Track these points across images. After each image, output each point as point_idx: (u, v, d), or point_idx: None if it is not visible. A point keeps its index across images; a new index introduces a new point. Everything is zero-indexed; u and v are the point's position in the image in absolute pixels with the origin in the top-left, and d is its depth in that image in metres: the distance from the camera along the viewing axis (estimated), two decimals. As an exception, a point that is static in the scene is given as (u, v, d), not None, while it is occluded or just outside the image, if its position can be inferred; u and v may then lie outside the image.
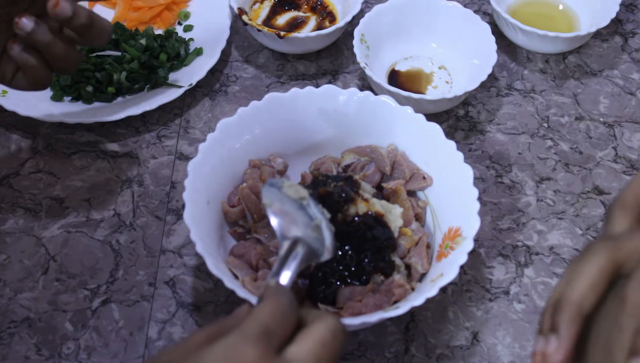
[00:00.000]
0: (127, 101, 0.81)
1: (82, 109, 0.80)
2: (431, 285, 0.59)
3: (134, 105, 0.79)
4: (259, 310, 0.42)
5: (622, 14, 0.93)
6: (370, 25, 0.83)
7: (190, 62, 0.85)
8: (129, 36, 0.85)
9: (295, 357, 0.41)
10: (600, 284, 0.39)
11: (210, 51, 0.85)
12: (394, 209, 0.66)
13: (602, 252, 0.39)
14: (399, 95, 0.76)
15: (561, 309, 0.39)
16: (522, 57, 0.89)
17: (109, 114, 0.78)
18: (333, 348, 0.42)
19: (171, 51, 0.84)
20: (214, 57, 0.83)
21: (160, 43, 0.85)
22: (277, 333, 0.41)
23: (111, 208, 0.74)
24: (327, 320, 0.43)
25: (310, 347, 0.41)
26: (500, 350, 0.65)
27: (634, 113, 0.84)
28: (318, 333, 0.42)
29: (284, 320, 0.42)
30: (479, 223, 0.62)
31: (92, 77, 0.80)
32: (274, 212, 0.56)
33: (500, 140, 0.81)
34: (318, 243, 0.55)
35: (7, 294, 0.68)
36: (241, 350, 0.39)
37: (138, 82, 0.82)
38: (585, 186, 0.77)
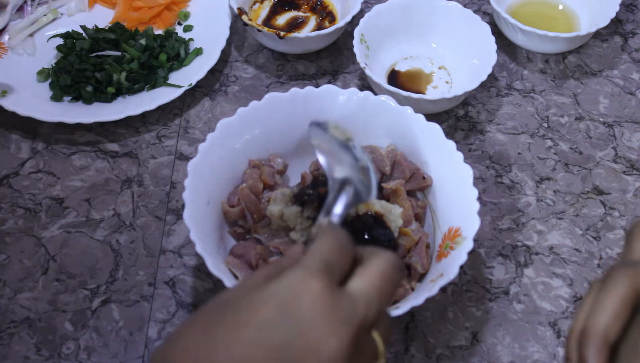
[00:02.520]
0: (127, 101, 0.81)
1: (82, 109, 0.80)
2: (431, 285, 0.59)
3: (134, 105, 0.79)
4: (318, 245, 0.42)
5: (622, 14, 0.93)
6: (370, 25, 0.83)
7: (190, 62, 0.85)
8: (129, 36, 0.85)
9: (358, 290, 0.41)
10: (624, 312, 0.40)
11: (209, 51, 0.85)
12: (393, 209, 0.66)
13: (624, 280, 0.40)
14: (399, 95, 0.76)
15: (587, 341, 0.40)
16: (522, 57, 0.89)
17: (109, 114, 0.78)
18: (393, 281, 0.42)
19: (171, 51, 0.84)
20: (214, 57, 0.83)
21: (160, 43, 0.85)
22: (338, 266, 0.41)
23: (111, 208, 0.74)
24: (385, 255, 0.43)
25: (372, 279, 0.41)
26: (500, 350, 0.65)
27: (634, 113, 0.84)
28: (378, 267, 0.42)
29: (343, 253, 0.42)
30: (478, 223, 0.62)
31: (92, 78, 0.80)
32: (322, 152, 0.56)
33: (500, 140, 0.81)
34: (362, 185, 0.55)
35: (7, 294, 0.68)
36: (305, 284, 0.39)
37: (138, 82, 0.82)
38: (585, 186, 0.77)
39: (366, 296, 0.40)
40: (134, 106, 0.79)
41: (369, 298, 0.40)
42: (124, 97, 0.81)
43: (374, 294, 0.41)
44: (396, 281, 0.42)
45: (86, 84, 0.80)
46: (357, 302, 0.40)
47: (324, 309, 0.39)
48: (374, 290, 0.41)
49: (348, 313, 0.39)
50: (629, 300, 0.39)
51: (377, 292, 0.41)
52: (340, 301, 0.39)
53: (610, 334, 0.40)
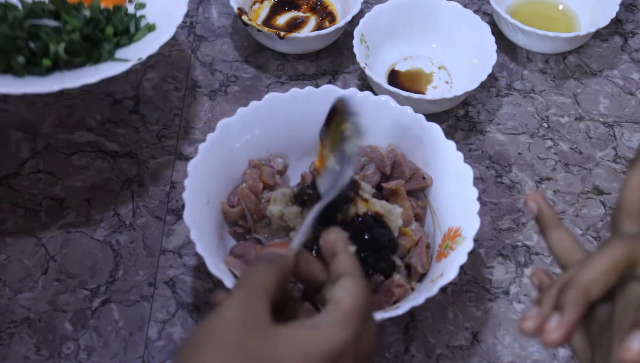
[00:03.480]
0: (64, 75, 0.71)
1: (11, 80, 0.69)
2: (431, 285, 0.59)
3: (72, 78, 0.69)
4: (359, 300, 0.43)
5: (622, 14, 0.93)
6: (370, 25, 0.83)
7: (140, 38, 0.76)
8: (70, 7, 0.75)
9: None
10: (612, 274, 0.39)
11: (164, 27, 0.76)
12: (393, 210, 0.66)
13: (619, 245, 0.39)
14: (399, 95, 0.76)
15: (568, 289, 0.39)
16: (522, 57, 0.89)
17: (42, 85, 0.67)
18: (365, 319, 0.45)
19: (119, 25, 0.75)
20: (168, 33, 0.74)
21: (106, 16, 0.76)
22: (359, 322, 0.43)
23: (111, 208, 0.74)
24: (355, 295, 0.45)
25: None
26: (500, 350, 0.65)
27: (634, 113, 0.84)
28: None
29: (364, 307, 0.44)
30: (478, 223, 0.62)
31: (24, 47, 0.69)
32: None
33: (500, 140, 0.81)
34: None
35: (7, 294, 0.68)
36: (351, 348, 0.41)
37: (78, 55, 0.71)
38: (585, 186, 0.77)
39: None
40: (72, 78, 0.68)
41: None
42: (62, 72, 0.71)
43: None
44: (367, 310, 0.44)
45: (17, 53, 0.69)
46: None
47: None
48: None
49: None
50: (619, 264, 0.39)
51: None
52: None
53: (593, 290, 0.39)
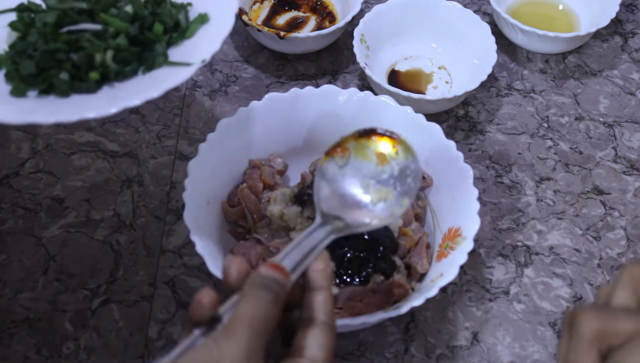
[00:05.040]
0: (117, 90, 0.59)
1: (58, 104, 0.57)
2: (431, 285, 0.59)
3: (129, 93, 0.57)
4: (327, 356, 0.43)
5: (622, 14, 0.93)
6: (370, 25, 0.83)
7: (193, 33, 0.63)
8: (108, 4, 0.62)
9: None
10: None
11: (218, 17, 0.63)
12: (393, 210, 0.66)
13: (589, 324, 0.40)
14: (399, 95, 0.76)
15: None
16: (522, 57, 0.89)
17: (97, 107, 0.54)
18: None
19: (168, 20, 0.62)
20: (227, 24, 0.61)
21: (151, 10, 0.63)
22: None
23: (111, 208, 0.74)
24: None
25: None
26: (500, 350, 0.65)
27: (634, 113, 0.84)
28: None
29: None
30: (478, 223, 0.62)
31: (66, 61, 0.58)
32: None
33: (500, 140, 0.81)
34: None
35: (7, 294, 0.68)
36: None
37: (129, 63, 0.60)
38: (585, 186, 0.77)
39: None
40: (130, 93, 0.56)
41: None
42: (112, 86, 0.59)
43: None
44: None
45: (59, 70, 0.57)
46: None
47: None
48: None
49: None
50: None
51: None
52: None
53: None
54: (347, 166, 0.53)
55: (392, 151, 0.53)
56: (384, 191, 0.53)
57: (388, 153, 0.53)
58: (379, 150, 0.53)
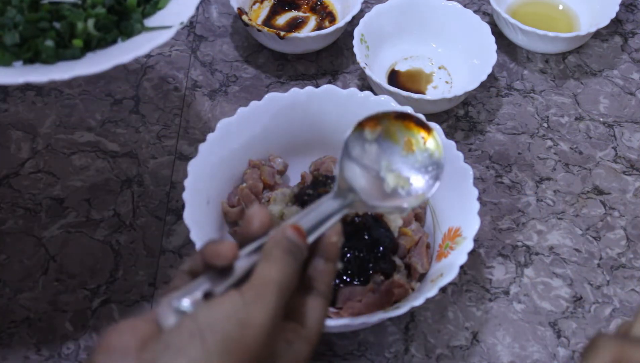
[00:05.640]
0: (102, 55, 0.62)
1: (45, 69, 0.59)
2: (431, 285, 0.59)
3: (116, 55, 0.60)
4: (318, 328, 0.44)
5: (622, 14, 0.93)
6: (370, 25, 0.83)
7: (165, 4, 0.66)
8: None
9: None
10: None
11: None
12: (394, 210, 0.66)
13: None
14: (399, 95, 0.76)
15: None
16: (522, 57, 0.89)
17: (87, 66, 0.58)
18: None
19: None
20: None
21: None
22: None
23: (111, 208, 0.74)
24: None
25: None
26: (500, 350, 0.65)
27: (634, 113, 0.84)
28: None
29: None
30: (478, 223, 0.62)
31: (49, 29, 0.60)
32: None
33: (500, 140, 0.81)
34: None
35: (7, 294, 0.68)
36: None
37: (110, 30, 0.62)
38: (585, 186, 0.77)
39: None
40: (116, 55, 0.60)
41: None
42: (96, 53, 0.62)
43: None
44: None
45: (44, 38, 0.60)
46: None
47: None
48: None
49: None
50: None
51: None
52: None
53: None
54: (374, 142, 0.52)
55: (421, 142, 0.53)
56: (403, 178, 0.52)
57: (417, 143, 0.53)
58: (410, 137, 0.53)
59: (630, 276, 0.70)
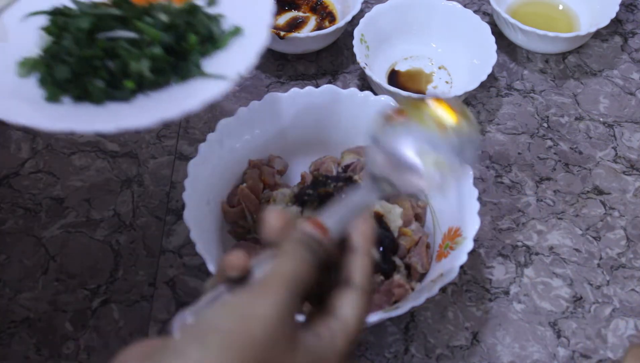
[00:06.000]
0: (152, 100, 0.58)
1: (93, 112, 0.56)
2: (431, 285, 0.59)
3: (167, 104, 0.55)
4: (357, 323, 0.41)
5: (622, 14, 0.93)
6: (370, 25, 0.83)
7: (226, 44, 0.61)
8: (142, 12, 0.61)
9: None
10: None
11: (252, 30, 0.61)
12: (393, 210, 0.66)
13: None
14: (399, 95, 0.76)
15: None
16: (522, 57, 0.89)
17: (135, 116, 0.54)
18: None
19: (203, 30, 0.61)
20: (261, 37, 0.59)
21: (186, 20, 0.61)
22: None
23: (111, 208, 0.74)
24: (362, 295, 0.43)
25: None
26: (500, 350, 0.65)
27: (634, 113, 0.84)
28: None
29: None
30: (478, 223, 0.62)
31: (102, 67, 0.57)
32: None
33: (500, 140, 0.81)
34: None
35: (7, 294, 0.68)
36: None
37: (164, 73, 0.58)
38: (585, 186, 0.77)
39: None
40: (166, 105, 0.55)
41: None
42: (147, 95, 0.58)
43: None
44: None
45: (94, 76, 0.57)
46: None
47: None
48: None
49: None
50: None
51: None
52: None
53: None
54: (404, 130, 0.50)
55: (451, 120, 0.52)
56: (438, 158, 0.51)
57: (448, 121, 0.52)
58: (439, 117, 0.52)
59: (630, 276, 0.70)
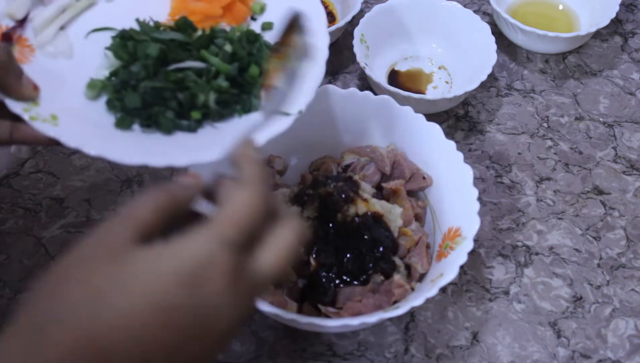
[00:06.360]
0: (218, 132, 0.59)
1: (163, 142, 0.58)
2: (431, 285, 0.59)
3: (233, 139, 0.52)
4: (236, 206, 0.39)
5: (622, 14, 0.93)
6: (370, 25, 0.83)
7: None
8: (206, 40, 0.61)
9: (266, 268, 0.40)
10: None
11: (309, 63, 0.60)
12: (393, 210, 0.66)
13: None
14: (399, 95, 0.76)
15: None
16: (522, 57, 0.89)
17: (206, 151, 0.55)
18: (295, 254, 0.42)
19: (265, 62, 0.61)
20: (319, 71, 0.60)
21: (249, 51, 0.62)
22: (252, 235, 0.40)
23: (111, 208, 0.74)
24: (295, 227, 0.42)
25: (280, 258, 0.40)
26: (500, 350, 0.65)
27: (634, 113, 0.84)
28: (288, 242, 0.41)
29: (260, 219, 0.40)
30: (478, 223, 0.62)
31: (171, 99, 0.58)
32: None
33: (500, 140, 0.81)
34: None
35: (7, 294, 0.68)
36: (218, 260, 0.37)
37: (228, 105, 0.60)
38: (585, 186, 0.77)
39: (271, 276, 0.40)
40: (234, 139, 0.52)
41: (274, 276, 0.40)
42: (213, 126, 0.59)
43: (279, 272, 0.41)
44: (297, 252, 0.42)
45: (164, 107, 0.58)
46: (263, 283, 0.40)
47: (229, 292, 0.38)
48: (280, 269, 0.40)
49: (251, 293, 0.40)
50: None
51: (282, 270, 0.41)
52: (246, 283, 0.39)
53: None
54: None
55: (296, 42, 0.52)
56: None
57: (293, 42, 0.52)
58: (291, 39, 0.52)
59: (630, 276, 0.70)
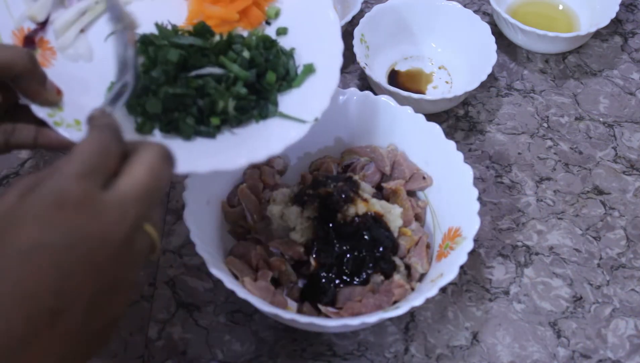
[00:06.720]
0: (236, 138, 0.60)
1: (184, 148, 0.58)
2: (431, 285, 0.59)
3: (252, 145, 0.58)
4: (79, 148, 0.40)
5: (622, 14, 0.93)
6: (370, 25, 0.83)
7: (300, 83, 0.62)
8: (225, 45, 0.61)
9: (124, 189, 0.39)
10: None
11: (323, 68, 0.62)
12: (393, 210, 0.66)
13: None
14: (399, 95, 0.76)
15: None
16: (522, 57, 0.89)
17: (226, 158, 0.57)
18: (162, 176, 0.41)
19: (281, 68, 0.62)
20: (333, 78, 0.60)
21: (266, 58, 0.62)
22: (101, 168, 0.40)
23: (111, 208, 0.74)
24: (153, 147, 0.41)
25: (139, 176, 0.40)
26: (500, 350, 0.65)
27: (634, 113, 0.84)
28: (146, 161, 0.41)
29: (106, 153, 0.40)
30: (478, 223, 0.62)
31: (192, 106, 0.59)
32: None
33: (500, 140, 0.81)
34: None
35: (7, 294, 0.68)
36: (64, 191, 0.38)
37: (246, 111, 0.60)
38: (585, 186, 0.77)
39: (135, 196, 0.39)
40: (251, 145, 0.58)
41: (138, 197, 0.40)
42: (231, 132, 0.60)
43: (142, 192, 0.40)
44: (166, 175, 0.41)
45: (184, 113, 0.58)
46: (126, 204, 0.39)
47: (90, 219, 0.37)
48: (143, 187, 0.40)
49: (117, 219, 0.38)
50: None
51: (146, 189, 0.40)
52: (107, 207, 0.38)
53: None
54: None
55: None
56: None
57: None
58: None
59: (630, 276, 0.70)
